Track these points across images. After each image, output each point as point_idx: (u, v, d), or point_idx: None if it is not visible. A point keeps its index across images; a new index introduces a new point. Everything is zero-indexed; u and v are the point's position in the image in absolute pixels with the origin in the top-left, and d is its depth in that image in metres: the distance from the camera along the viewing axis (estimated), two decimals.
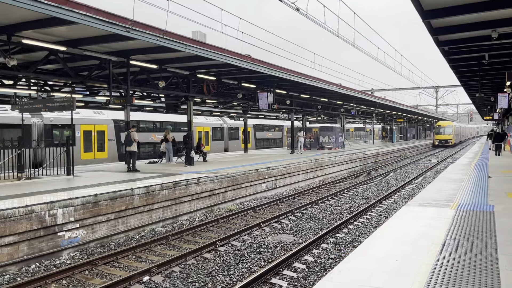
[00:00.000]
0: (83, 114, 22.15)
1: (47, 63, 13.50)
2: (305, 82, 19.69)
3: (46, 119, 20.36)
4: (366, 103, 33.64)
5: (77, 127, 21.24)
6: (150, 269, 7.53)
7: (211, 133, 32.29)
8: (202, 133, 30.85)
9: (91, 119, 22.41)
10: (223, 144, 34.18)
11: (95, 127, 22.50)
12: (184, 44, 12.03)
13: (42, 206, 8.40)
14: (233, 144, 34.86)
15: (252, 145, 37.08)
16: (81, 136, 21.75)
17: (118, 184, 11.51)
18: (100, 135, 22.68)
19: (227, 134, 34.70)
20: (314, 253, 8.74)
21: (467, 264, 4.79)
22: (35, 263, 8.09)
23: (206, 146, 30.27)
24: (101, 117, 23.23)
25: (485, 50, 13.92)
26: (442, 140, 54.62)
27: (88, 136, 22.13)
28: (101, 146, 22.82)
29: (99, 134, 22.66)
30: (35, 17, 9.33)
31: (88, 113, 22.60)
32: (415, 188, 17.91)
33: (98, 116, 23.02)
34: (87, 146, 22.10)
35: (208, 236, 10.25)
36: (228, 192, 14.32)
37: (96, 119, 22.83)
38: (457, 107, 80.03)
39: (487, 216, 7.28)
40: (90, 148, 22.22)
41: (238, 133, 35.89)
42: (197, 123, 29.79)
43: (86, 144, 22.07)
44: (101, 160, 19.55)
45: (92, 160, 21.47)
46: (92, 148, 22.41)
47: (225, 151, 33.21)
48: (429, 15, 9.84)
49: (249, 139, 35.29)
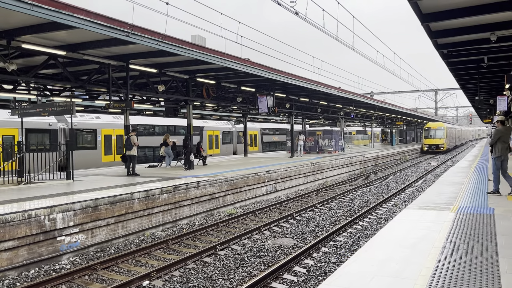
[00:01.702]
0: (104, 119, 23.22)
1: (46, 68, 13.51)
2: (305, 85, 19.72)
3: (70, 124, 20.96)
4: (365, 106, 33.69)
5: (98, 131, 22.51)
6: (150, 274, 7.51)
7: (220, 136, 33.65)
8: (212, 137, 32.37)
9: (111, 124, 23.45)
10: (232, 147, 35.46)
11: (114, 131, 23.53)
12: (184, 48, 12.05)
13: (41, 210, 8.38)
14: (241, 147, 35.49)
15: (259, 148, 38.42)
16: (102, 140, 22.77)
17: (118, 188, 11.50)
18: (119, 139, 23.47)
19: (235, 138, 35.94)
20: (315, 256, 8.72)
21: (468, 268, 4.78)
22: (35, 268, 8.06)
23: (216, 149, 32.56)
24: (119, 122, 23.79)
25: (484, 53, 13.94)
26: (432, 145, 46.43)
27: (108, 140, 23.13)
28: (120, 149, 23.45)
29: (118, 138, 23.49)
30: (35, 21, 9.36)
31: (108, 118, 23.66)
32: (415, 191, 17.90)
33: (117, 121, 23.85)
34: (108, 150, 23.07)
35: (208, 240, 10.23)
36: (228, 196, 14.30)
37: (115, 123, 23.71)
38: (457, 110, 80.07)
39: (487, 219, 7.27)
40: (110, 151, 23.22)
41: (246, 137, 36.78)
42: (208, 127, 31.75)
43: (107, 147, 22.95)
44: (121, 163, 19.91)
45: (112, 163, 22.37)
46: (112, 151, 23.39)
47: (233, 154, 34.50)
48: (428, 18, 9.86)
49: (256, 142, 37.60)
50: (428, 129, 48.14)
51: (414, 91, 56.52)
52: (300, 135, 27.83)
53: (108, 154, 22.97)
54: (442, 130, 46.73)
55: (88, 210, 9.37)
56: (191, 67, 15.25)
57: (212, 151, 31.78)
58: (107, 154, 22.90)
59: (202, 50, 12.92)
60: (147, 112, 30.56)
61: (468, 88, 24.44)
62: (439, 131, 46.73)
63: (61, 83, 14.62)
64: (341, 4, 13.24)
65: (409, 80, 50.96)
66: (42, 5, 8.14)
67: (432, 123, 50.10)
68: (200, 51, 12.75)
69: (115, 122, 23.67)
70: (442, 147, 46.19)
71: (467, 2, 9.17)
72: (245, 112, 26.58)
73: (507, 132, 9.71)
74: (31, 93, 16.23)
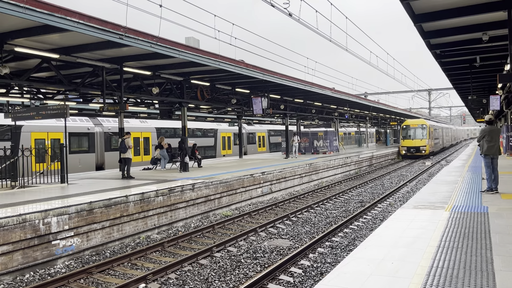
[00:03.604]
0: (132, 123, 25.38)
1: (40, 71, 13.46)
2: (299, 86, 19.77)
3: (105, 128, 23.76)
4: (359, 106, 33.82)
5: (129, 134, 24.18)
6: (146, 277, 7.49)
7: (232, 138, 35.94)
8: (225, 138, 35.08)
9: (138, 127, 25.68)
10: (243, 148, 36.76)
11: (142, 134, 25.92)
12: (178, 50, 12.05)
13: (36, 214, 8.33)
14: (251, 148, 38.75)
15: (266, 149, 41.11)
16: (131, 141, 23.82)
17: (113, 191, 11.46)
18: (145, 141, 26.16)
19: (246, 139, 37.91)
20: (311, 257, 8.73)
21: (463, 266, 4.81)
22: (30, 272, 8.02)
23: (229, 150, 35.23)
24: (146, 125, 26.70)
25: (476, 53, 14.07)
26: (412, 147, 37.70)
27: (136, 142, 25.01)
28: (146, 151, 26.13)
29: (145, 140, 26.15)
30: (28, 25, 9.32)
31: (136, 122, 26.06)
32: (409, 191, 17.98)
33: (143, 125, 26.47)
34: (135, 151, 24.77)
35: (204, 242, 10.22)
36: (223, 198, 14.29)
37: (142, 127, 26.09)
38: (450, 110, 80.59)
39: (481, 217, 7.32)
40: (138, 152, 25.28)
41: (255, 138, 40.10)
42: (221, 130, 34.43)
43: (135, 149, 24.36)
44: (147, 163, 21.77)
45: (140, 163, 23.99)
46: (140, 152, 25.69)
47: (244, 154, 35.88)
48: (421, 19, 9.95)
49: (264, 143, 40.91)
50: (406, 127, 39.04)
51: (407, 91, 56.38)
52: (295, 136, 27.87)
53: (136, 155, 24.67)
54: (423, 129, 38.02)
55: (83, 213, 9.33)
56: (185, 69, 15.24)
57: (225, 152, 34.55)
58: (135, 155, 24.43)
59: (196, 52, 12.92)
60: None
61: (461, 88, 24.63)
62: (420, 131, 38.07)
63: (55, 86, 14.55)
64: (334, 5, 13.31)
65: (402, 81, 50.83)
66: (35, 8, 8.11)
67: (411, 120, 40.97)
68: (194, 53, 12.75)
69: (142, 126, 26.31)
70: (424, 150, 37.40)
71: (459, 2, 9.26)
72: (239, 114, 26.61)
73: (493, 131, 9.80)
74: (24, 97, 16.14)
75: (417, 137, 37.84)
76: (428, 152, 37.81)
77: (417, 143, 37.56)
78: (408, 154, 38.00)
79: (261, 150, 39.60)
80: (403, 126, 39.59)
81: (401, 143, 39.05)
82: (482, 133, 9.93)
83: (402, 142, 38.80)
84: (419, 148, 37.42)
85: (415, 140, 37.81)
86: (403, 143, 38.69)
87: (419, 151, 37.43)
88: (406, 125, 39.28)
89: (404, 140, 38.68)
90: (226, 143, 34.92)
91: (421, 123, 38.81)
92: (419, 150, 37.40)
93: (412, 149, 37.71)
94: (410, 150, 37.84)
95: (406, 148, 38.23)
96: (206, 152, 31.81)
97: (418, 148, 37.43)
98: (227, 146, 35.03)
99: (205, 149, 31.68)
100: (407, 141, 38.29)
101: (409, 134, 38.44)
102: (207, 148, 32.15)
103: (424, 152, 37.40)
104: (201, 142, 31.02)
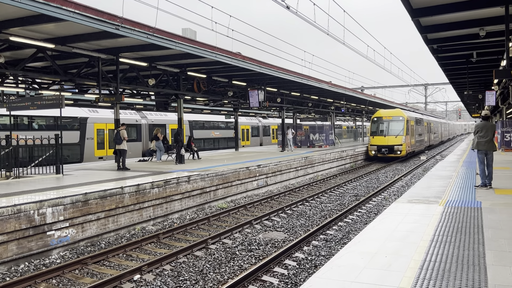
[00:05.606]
0: (169, 117, 28.35)
1: (35, 61, 13.35)
2: (296, 79, 19.74)
3: (149, 120, 26.82)
4: (356, 100, 33.84)
5: (167, 126, 28.16)
6: (141, 268, 7.51)
7: (250, 130, 39.89)
8: (244, 130, 38.55)
9: (175, 120, 26.93)
10: (259, 140, 41.68)
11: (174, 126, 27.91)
12: (174, 41, 11.98)
13: (31, 205, 8.32)
14: (266, 140, 42.75)
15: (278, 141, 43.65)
16: (169, 133, 27.79)
17: (108, 182, 11.45)
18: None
19: (261, 131, 42.32)
20: (305, 250, 8.79)
21: (455, 260, 4.86)
22: (25, 262, 8.02)
23: (247, 141, 38.93)
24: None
25: (473, 48, 14.10)
26: (383, 147, 28.58)
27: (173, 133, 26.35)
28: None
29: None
30: (23, 14, 9.22)
31: (172, 116, 28.11)
32: (404, 185, 18.07)
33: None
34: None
35: (199, 234, 10.25)
36: (219, 190, 14.32)
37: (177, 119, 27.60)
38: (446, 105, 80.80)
39: (474, 212, 7.38)
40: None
41: (269, 130, 43.96)
42: (241, 122, 36.28)
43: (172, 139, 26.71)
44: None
45: None
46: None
47: (260, 145, 40.63)
48: (418, 14, 9.94)
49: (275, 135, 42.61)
50: (377, 120, 29.66)
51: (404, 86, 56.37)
52: (289, 129, 27.84)
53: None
54: (399, 122, 28.84)
55: (78, 204, 9.32)
56: (182, 60, 15.17)
57: (244, 143, 37.87)
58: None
59: (193, 44, 12.85)
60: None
61: (457, 83, 24.70)
62: (394, 124, 28.91)
63: (50, 76, 14.45)
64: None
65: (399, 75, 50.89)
66: None
67: (384, 111, 31.02)
68: (190, 45, 12.68)
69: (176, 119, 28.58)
70: (400, 150, 28.26)
71: None
72: (236, 106, 26.59)
73: (487, 127, 9.84)
74: (19, 87, 16.02)
75: (391, 132, 28.77)
76: (405, 153, 28.77)
77: (391, 141, 28.49)
78: (378, 155, 29.00)
79: (274, 142, 41.89)
80: (373, 118, 30.19)
81: (370, 140, 29.75)
82: (475, 128, 10.02)
83: (372, 140, 29.52)
84: (392, 148, 28.39)
85: (388, 137, 28.75)
86: (372, 140, 29.42)
87: (393, 152, 28.46)
88: (377, 116, 29.94)
89: (373, 137, 29.45)
90: (245, 135, 38.80)
91: (396, 114, 29.53)
92: (393, 150, 28.42)
93: (384, 149, 28.61)
94: (381, 150, 28.74)
95: (376, 147, 28.99)
96: (228, 144, 35.35)
97: (392, 147, 28.39)
98: (245, 137, 38.91)
99: (227, 140, 35.86)
100: (377, 138, 29.12)
101: (380, 129, 29.29)
102: (228, 139, 35.90)
103: (400, 153, 28.41)
104: (225, 133, 35.94)
